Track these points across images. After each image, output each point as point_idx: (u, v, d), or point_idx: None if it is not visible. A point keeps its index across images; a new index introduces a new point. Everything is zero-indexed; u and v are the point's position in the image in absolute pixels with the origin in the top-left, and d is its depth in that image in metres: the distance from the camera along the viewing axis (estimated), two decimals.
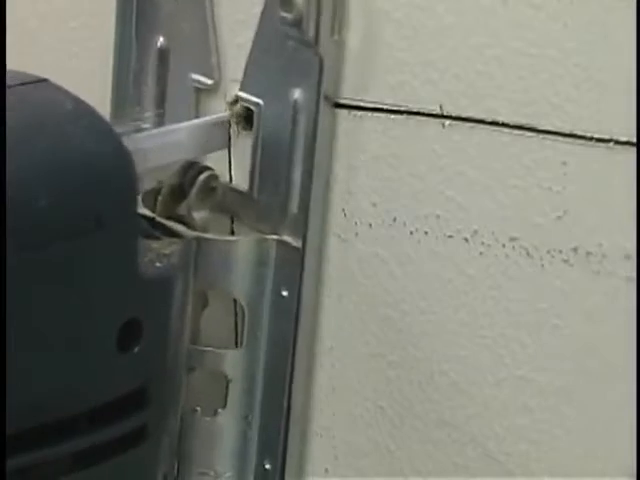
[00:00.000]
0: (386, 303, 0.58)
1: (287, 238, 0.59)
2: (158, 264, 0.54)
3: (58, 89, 0.52)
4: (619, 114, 0.49)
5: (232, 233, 0.63)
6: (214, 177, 0.61)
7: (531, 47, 0.50)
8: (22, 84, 0.51)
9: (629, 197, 0.49)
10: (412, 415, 0.59)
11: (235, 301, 0.63)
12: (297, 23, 0.55)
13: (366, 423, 0.61)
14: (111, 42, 0.65)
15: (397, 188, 0.57)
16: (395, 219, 0.57)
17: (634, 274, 0.49)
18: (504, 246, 0.54)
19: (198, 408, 0.62)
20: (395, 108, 0.56)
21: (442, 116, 0.54)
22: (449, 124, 0.54)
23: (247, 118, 0.61)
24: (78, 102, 0.51)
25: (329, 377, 0.62)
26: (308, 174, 0.58)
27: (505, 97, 0.52)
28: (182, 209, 0.60)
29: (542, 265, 0.52)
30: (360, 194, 0.58)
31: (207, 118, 0.62)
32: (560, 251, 0.52)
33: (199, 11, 0.61)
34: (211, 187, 0.61)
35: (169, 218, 0.59)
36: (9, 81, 0.51)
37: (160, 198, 0.60)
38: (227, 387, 0.62)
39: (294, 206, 0.59)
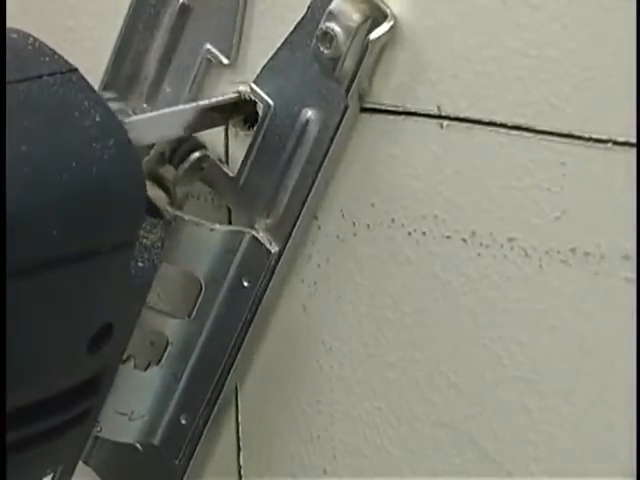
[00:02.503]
0: (385, 304, 0.58)
1: (262, 236, 0.59)
2: (140, 263, 0.54)
3: (87, 89, 0.49)
4: (617, 114, 0.49)
5: (229, 223, 0.64)
6: (206, 157, 0.61)
7: (530, 47, 0.50)
8: (51, 74, 0.48)
9: (628, 198, 0.49)
10: (410, 416, 0.59)
11: None
12: (333, 60, 0.54)
13: (364, 424, 0.61)
14: (110, 44, 0.65)
15: (395, 189, 0.57)
16: (393, 220, 0.57)
17: (633, 275, 0.49)
18: (502, 246, 0.54)
19: (132, 359, 0.63)
20: (393, 109, 0.56)
21: (440, 117, 0.54)
22: (447, 124, 0.54)
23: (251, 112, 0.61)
24: (107, 113, 0.49)
25: (328, 378, 0.62)
26: (302, 191, 0.58)
27: (503, 97, 0.52)
28: (165, 171, 0.60)
29: (540, 266, 0.52)
30: (358, 194, 0.58)
31: (213, 100, 0.60)
32: (558, 252, 0.52)
33: None
34: (201, 167, 0.61)
35: (151, 178, 0.59)
36: (40, 68, 0.48)
37: (147, 158, 0.60)
38: (165, 348, 0.63)
39: (279, 210, 0.59)
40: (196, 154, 0.60)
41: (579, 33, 0.49)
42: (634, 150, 0.48)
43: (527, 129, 0.52)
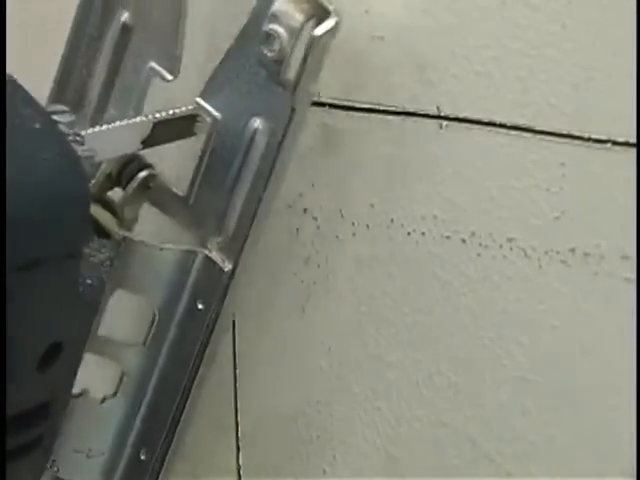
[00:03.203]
0: (384, 304, 0.58)
1: (215, 256, 0.58)
2: (89, 280, 0.52)
3: (27, 98, 0.47)
4: (617, 115, 0.49)
5: None
6: (152, 176, 0.59)
7: (529, 48, 0.50)
8: None
9: (627, 198, 0.49)
10: (410, 416, 0.59)
11: None
12: (278, 63, 0.53)
13: (364, 424, 0.61)
14: None
15: (395, 189, 0.57)
16: (393, 220, 0.57)
17: (633, 275, 0.49)
18: (502, 247, 0.54)
19: (87, 391, 0.61)
20: (392, 109, 0.56)
21: (439, 117, 0.54)
22: (447, 125, 0.54)
23: None
24: (48, 121, 0.47)
25: (328, 378, 0.62)
26: (252, 204, 0.56)
27: (503, 98, 0.52)
28: (113, 194, 0.59)
29: (540, 266, 0.52)
30: (357, 195, 0.58)
31: (170, 112, 0.57)
32: (558, 252, 0.52)
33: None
34: (148, 186, 0.59)
35: (99, 201, 0.58)
36: None
37: (94, 181, 0.59)
38: (121, 378, 0.61)
39: (230, 227, 0.58)
40: (143, 173, 0.59)
41: (579, 33, 0.49)
42: (634, 150, 0.48)
43: (527, 129, 0.52)
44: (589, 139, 0.50)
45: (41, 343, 0.49)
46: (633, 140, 0.48)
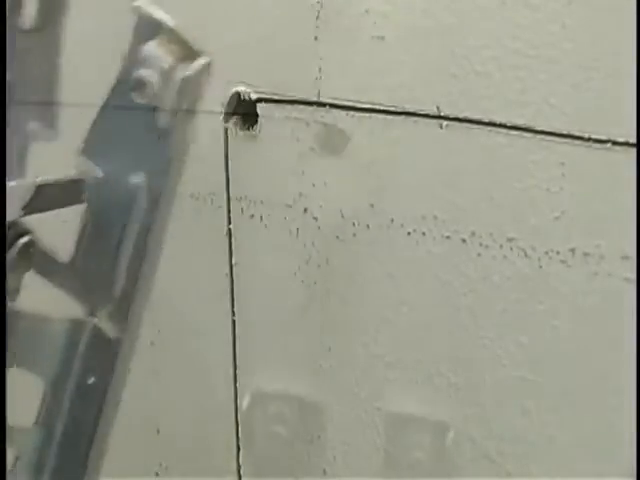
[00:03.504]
0: (384, 304, 0.58)
1: (104, 325, 0.56)
2: None
3: None
4: (617, 114, 0.49)
5: (229, 222, 0.63)
6: (32, 242, 0.57)
7: (529, 48, 0.50)
8: None
9: (627, 198, 0.49)
10: (410, 416, 0.59)
11: None
12: (151, 110, 0.51)
13: (364, 424, 0.61)
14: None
15: (395, 189, 0.57)
16: (393, 220, 0.57)
17: (633, 275, 0.49)
18: (502, 247, 0.54)
19: None
20: (392, 109, 0.56)
21: (440, 117, 0.54)
22: (447, 125, 0.54)
23: None
24: None
25: (328, 378, 0.62)
26: (136, 264, 0.55)
27: (503, 98, 0.52)
28: None
29: (540, 266, 0.52)
30: (357, 195, 0.58)
31: (52, 178, 0.55)
32: (558, 252, 0.52)
33: (49, 55, 0.56)
34: (29, 252, 0.57)
35: None
36: None
37: None
38: (15, 462, 0.59)
39: (117, 292, 0.56)
40: (23, 240, 0.56)
41: (578, 33, 0.49)
42: (634, 150, 0.48)
43: (526, 129, 0.52)
44: (589, 139, 0.50)
45: None
46: (633, 140, 0.48)
